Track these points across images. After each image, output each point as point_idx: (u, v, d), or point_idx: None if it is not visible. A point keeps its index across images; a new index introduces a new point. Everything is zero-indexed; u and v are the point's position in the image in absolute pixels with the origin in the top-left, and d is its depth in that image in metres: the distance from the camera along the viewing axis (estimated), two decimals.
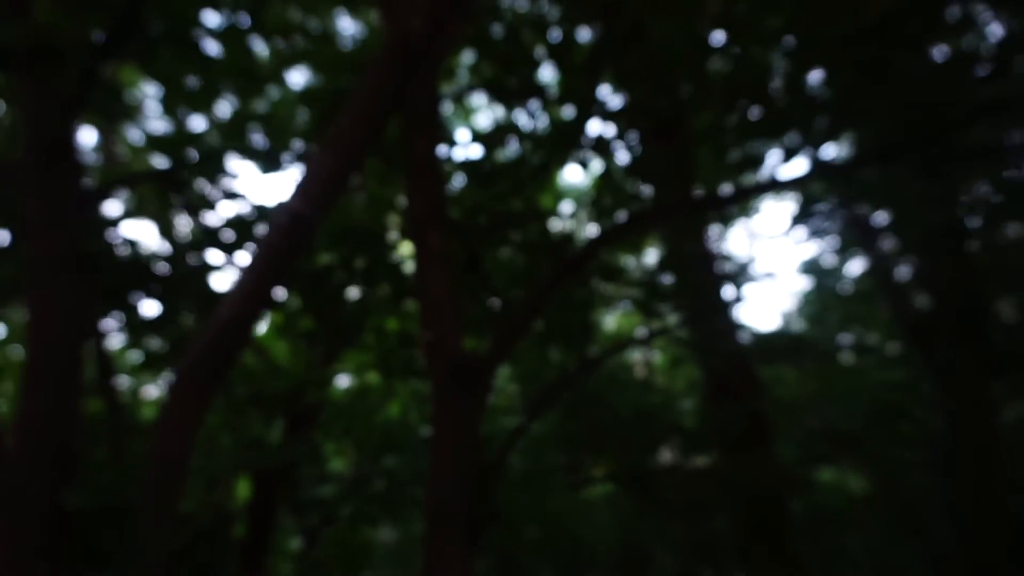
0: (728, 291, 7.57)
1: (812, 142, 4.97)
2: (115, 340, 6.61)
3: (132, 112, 6.46)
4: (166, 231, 5.67)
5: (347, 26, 6.78)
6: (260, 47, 4.92)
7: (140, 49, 3.88)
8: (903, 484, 8.45)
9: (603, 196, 6.23)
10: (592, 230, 6.91)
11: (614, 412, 5.66)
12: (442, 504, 3.40)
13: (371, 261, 6.47)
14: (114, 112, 5.83)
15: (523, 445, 6.56)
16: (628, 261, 8.16)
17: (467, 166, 5.98)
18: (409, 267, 6.44)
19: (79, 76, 3.50)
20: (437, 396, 3.63)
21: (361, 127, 2.55)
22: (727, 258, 9.63)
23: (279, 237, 2.55)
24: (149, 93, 6.68)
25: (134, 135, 7.00)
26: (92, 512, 3.23)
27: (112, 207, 5.61)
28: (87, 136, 7.70)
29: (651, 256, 9.31)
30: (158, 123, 6.45)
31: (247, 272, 2.56)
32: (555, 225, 6.80)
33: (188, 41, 3.87)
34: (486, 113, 8.87)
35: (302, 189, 2.57)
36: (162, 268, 5.45)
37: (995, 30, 4.82)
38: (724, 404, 6.72)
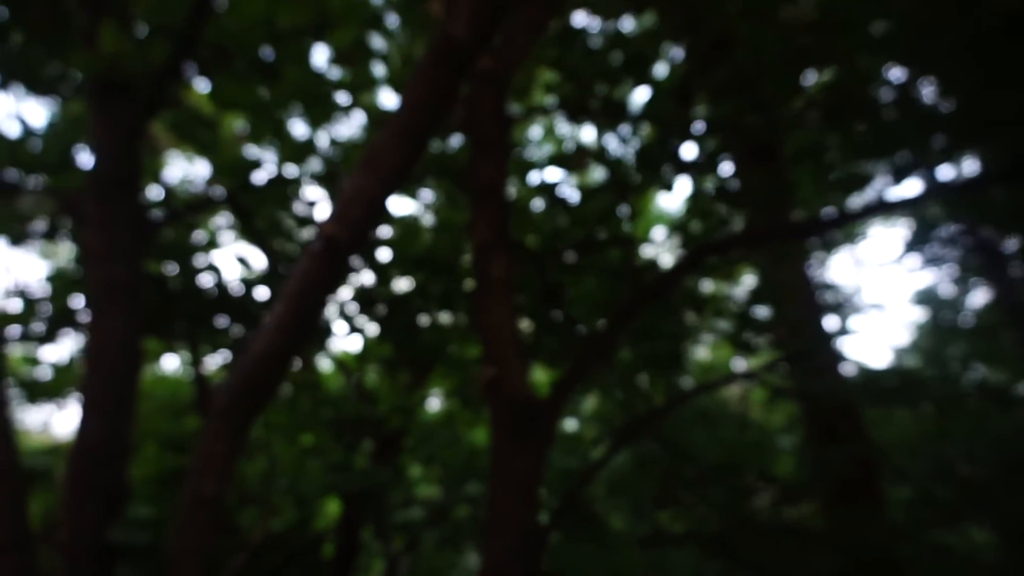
0: (831, 324, 6.96)
1: (927, 161, 4.43)
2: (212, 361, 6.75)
3: (232, 141, 6.58)
4: (245, 258, 5.69)
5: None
6: (333, 72, 4.84)
7: (204, 74, 3.86)
8: None
9: (691, 221, 5.83)
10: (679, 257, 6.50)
11: (697, 458, 5.17)
12: (498, 563, 3.08)
13: (447, 287, 6.30)
14: (207, 141, 5.92)
15: (594, 493, 6.12)
16: (724, 290, 7.66)
17: (545, 190, 5.72)
18: None
19: (142, 105, 3.48)
20: (497, 439, 3.32)
21: (401, 144, 2.31)
22: (830, 287, 8.93)
23: (312, 264, 2.34)
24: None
25: None
26: (136, 549, 3.12)
27: (197, 234, 5.70)
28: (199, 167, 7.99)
29: (747, 285, 8.74)
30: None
31: (279, 303, 2.36)
32: (643, 252, 6.43)
33: (251, 64, 3.81)
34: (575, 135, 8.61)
35: (337, 212, 2.36)
36: (240, 293, 5.46)
37: None
38: (827, 450, 6.10)
